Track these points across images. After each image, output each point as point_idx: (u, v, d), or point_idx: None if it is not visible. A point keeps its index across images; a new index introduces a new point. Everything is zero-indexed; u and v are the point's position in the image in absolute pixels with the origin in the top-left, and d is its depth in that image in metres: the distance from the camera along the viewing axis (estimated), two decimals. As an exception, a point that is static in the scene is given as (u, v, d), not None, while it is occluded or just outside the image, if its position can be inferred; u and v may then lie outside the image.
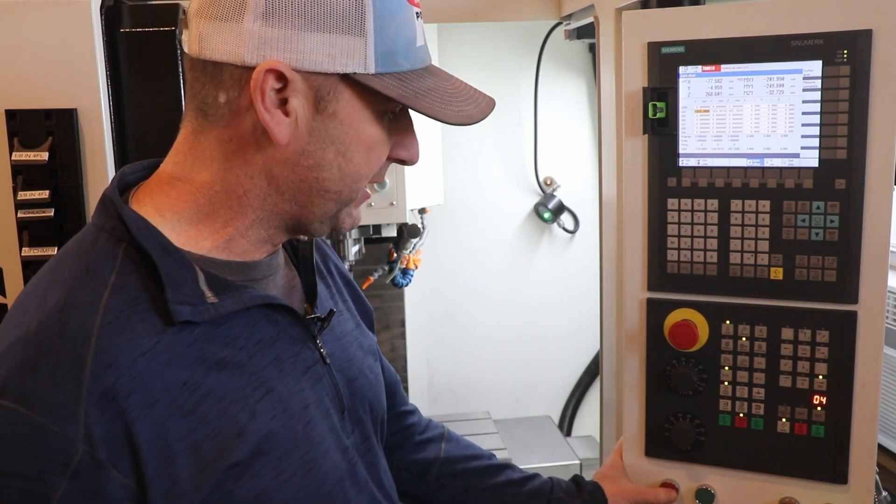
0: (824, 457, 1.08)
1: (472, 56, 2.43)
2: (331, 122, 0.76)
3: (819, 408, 1.07)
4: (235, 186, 0.78)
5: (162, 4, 1.34)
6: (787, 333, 1.08)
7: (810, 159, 1.03)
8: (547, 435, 2.35)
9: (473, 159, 2.50)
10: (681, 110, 1.09)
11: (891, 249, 1.02)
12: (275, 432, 0.76)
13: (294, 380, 0.80)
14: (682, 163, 1.10)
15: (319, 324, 0.87)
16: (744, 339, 1.11)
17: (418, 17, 0.79)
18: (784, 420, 1.09)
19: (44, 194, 1.24)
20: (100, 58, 1.27)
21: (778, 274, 1.07)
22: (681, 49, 1.07)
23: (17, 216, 1.24)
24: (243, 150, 0.76)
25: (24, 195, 1.24)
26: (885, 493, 1.15)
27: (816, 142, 1.03)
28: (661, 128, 1.10)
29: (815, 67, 1.01)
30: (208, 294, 0.74)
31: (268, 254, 0.85)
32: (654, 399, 1.17)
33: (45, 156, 1.23)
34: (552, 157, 2.52)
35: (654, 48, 1.09)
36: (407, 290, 2.45)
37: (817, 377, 1.07)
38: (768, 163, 1.06)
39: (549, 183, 2.54)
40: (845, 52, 0.99)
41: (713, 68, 1.06)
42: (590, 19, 1.64)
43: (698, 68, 1.07)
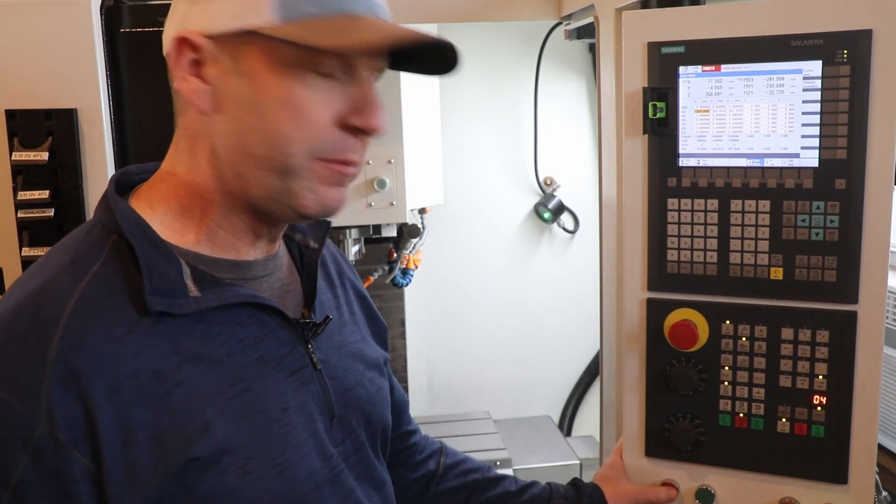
0: (824, 457, 1.08)
1: (472, 56, 2.43)
2: (244, 82, 0.75)
3: (819, 408, 1.07)
4: (200, 174, 0.79)
5: (162, 4, 1.34)
6: (787, 333, 1.08)
7: (810, 159, 1.03)
8: (547, 435, 2.35)
9: (473, 159, 2.50)
10: (681, 110, 1.09)
11: (891, 249, 1.02)
12: (245, 431, 0.75)
13: (276, 382, 0.80)
14: (682, 163, 1.10)
15: (313, 329, 0.86)
16: (744, 339, 1.11)
17: None
18: (784, 420, 1.09)
19: (44, 194, 1.24)
20: (100, 58, 1.27)
21: (778, 274, 1.07)
22: (681, 49, 1.07)
23: (17, 216, 1.24)
24: (197, 135, 0.78)
25: (24, 195, 1.24)
26: (885, 493, 1.15)
27: (816, 142, 1.03)
28: (661, 128, 1.10)
29: (815, 67, 1.01)
30: (192, 288, 0.75)
31: (264, 254, 0.85)
32: (654, 399, 1.17)
33: (45, 156, 1.23)
34: (552, 157, 2.52)
35: (654, 48, 1.09)
36: (407, 290, 2.45)
37: (817, 377, 1.07)
38: (768, 163, 1.06)
39: (549, 183, 2.54)
40: (845, 52, 0.99)
41: (713, 68, 1.06)
42: (590, 19, 1.64)
43: (698, 68, 1.07)
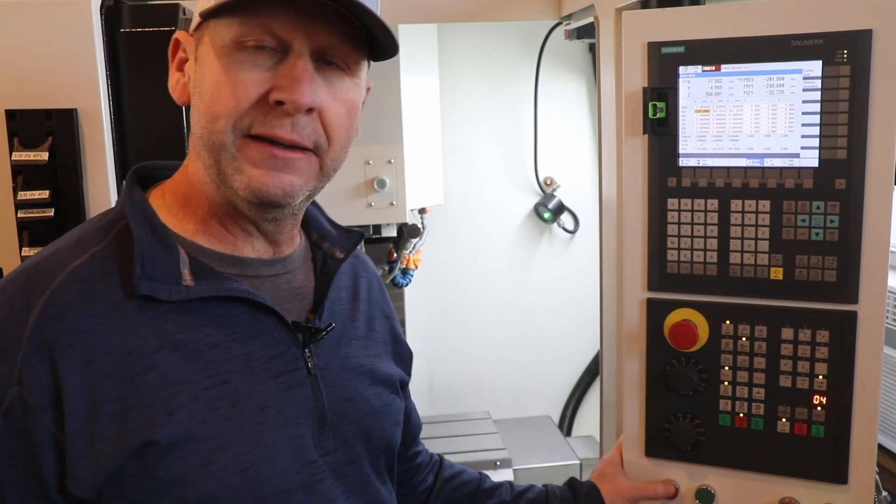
0: (824, 457, 1.08)
1: (472, 56, 2.43)
2: (198, 69, 0.80)
3: (819, 408, 1.07)
4: (192, 164, 0.83)
5: (162, 4, 1.34)
6: (787, 333, 1.08)
7: (810, 159, 1.03)
8: (547, 435, 2.35)
9: (473, 159, 2.50)
10: (681, 110, 1.09)
11: (891, 249, 1.02)
12: (213, 422, 0.76)
13: (259, 380, 0.80)
14: (682, 163, 1.10)
15: (312, 334, 0.85)
16: (744, 339, 1.10)
17: None
18: (784, 420, 1.09)
19: (44, 194, 1.24)
20: (100, 58, 1.27)
21: (778, 274, 1.07)
22: (681, 49, 1.07)
23: (17, 216, 1.24)
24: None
25: (24, 195, 1.24)
26: (885, 493, 1.15)
27: (816, 142, 1.03)
28: (661, 128, 1.10)
29: (815, 67, 1.01)
30: (186, 278, 0.77)
31: (270, 254, 0.86)
32: (654, 399, 1.17)
33: (45, 156, 1.23)
34: (552, 157, 2.52)
35: (654, 48, 1.09)
36: (407, 290, 2.44)
37: (817, 377, 1.07)
38: (768, 163, 1.06)
39: (549, 183, 2.54)
40: (845, 52, 0.99)
41: (713, 68, 1.06)
42: (590, 19, 1.64)
43: (698, 68, 1.07)
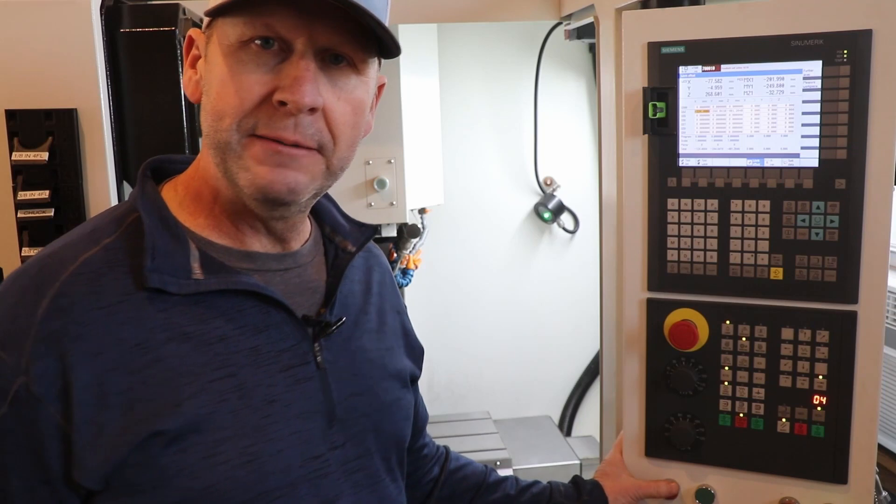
0: (824, 457, 1.08)
1: (472, 56, 2.44)
2: (207, 67, 0.80)
3: (819, 408, 1.07)
4: (204, 159, 0.83)
5: (162, 4, 1.33)
6: (787, 333, 1.08)
7: (810, 159, 1.03)
8: (547, 435, 2.35)
9: (473, 159, 2.50)
10: (681, 110, 1.09)
11: (891, 249, 1.02)
12: (219, 415, 0.76)
13: (267, 373, 0.80)
14: (682, 163, 1.10)
15: (322, 328, 0.85)
16: (744, 339, 1.10)
17: None
18: (784, 420, 1.09)
19: (44, 194, 1.24)
20: (100, 58, 1.26)
21: (778, 274, 1.07)
22: (681, 49, 1.07)
23: (17, 216, 1.24)
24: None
25: (24, 195, 1.24)
26: (885, 493, 1.15)
27: (816, 142, 1.03)
28: (661, 128, 1.10)
29: (815, 67, 1.01)
30: (196, 271, 0.78)
31: (278, 250, 0.86)
32: (654, 399, 1.16)
33: (45, 156, 1.23)
34: (552, 157, 2.52)
35: (654, 48, 1.09)
36: (407, 290, 2.44)
37: (817, 377, 1.07)
38: (768, 163, 1.06)
39: (549, 183, 2.54)
40: (845, 52, 0.99)
41: (713, 68, 1.06)
42: (590, 19, 1.64)
43: (698, 68, 1.07)
